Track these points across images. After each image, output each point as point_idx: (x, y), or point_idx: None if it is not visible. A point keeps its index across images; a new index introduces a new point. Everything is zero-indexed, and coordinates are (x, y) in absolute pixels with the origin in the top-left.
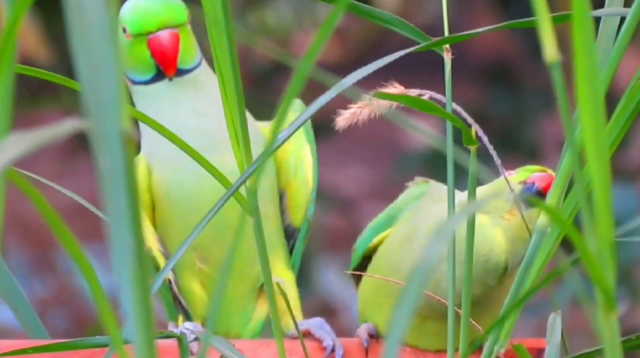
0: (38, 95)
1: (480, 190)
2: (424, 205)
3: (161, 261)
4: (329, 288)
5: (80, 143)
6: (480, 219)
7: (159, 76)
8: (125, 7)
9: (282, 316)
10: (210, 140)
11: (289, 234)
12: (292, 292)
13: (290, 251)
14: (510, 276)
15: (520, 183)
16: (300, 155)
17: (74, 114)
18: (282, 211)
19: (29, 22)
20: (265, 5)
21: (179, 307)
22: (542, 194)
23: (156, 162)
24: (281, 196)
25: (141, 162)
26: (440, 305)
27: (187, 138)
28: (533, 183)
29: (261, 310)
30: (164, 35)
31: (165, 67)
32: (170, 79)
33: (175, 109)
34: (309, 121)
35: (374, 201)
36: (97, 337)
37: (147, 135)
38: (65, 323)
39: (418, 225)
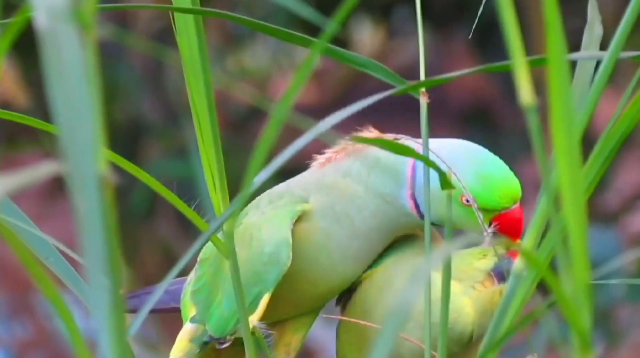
0: (16, 138)
1: (459, 254)
2: (407, 256)
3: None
4: None
5: (58, 186)
6: (451, 286)
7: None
8: (477, 176)
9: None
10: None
11: None
12: (306, 329)
13: None
14: (476, 344)
15: (496, 255)
16: None
17: (53, 157)
18: None
19: (7, 66)
20: (243, 49)
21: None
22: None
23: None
24: None
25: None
26: None
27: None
28: (509, 258)
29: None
30: (517, 212)
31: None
32: None
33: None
34: None
35: None
36: None
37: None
38: None
39: (394, 273)
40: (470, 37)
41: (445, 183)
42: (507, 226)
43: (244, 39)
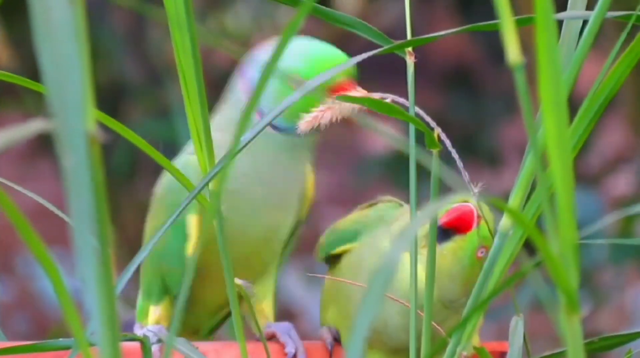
0: None
1: (399, 225)
2: (383, 232)
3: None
4: (288, 292)
5: (39, 147)
6: (405, 258)
7: (293, 128)
8: (296, 56)
9: (250, 316)
10: (286, 203)
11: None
12: (271, 293)
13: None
14: (451, 305)
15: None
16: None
17: (35, 117)
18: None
19: None
20: (224, 10)
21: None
22: (451, 231)
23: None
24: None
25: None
26: (392, 339)
27: (272, 191)
28: (439, 219)
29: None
30: (350, 85)
31: None
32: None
33: (291, 163)
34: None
35: (334, 206)
36: (61, 339)
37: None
38: (27, 327)
39: (370, 254)
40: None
41: (430, 142)
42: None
43: (225, 1)
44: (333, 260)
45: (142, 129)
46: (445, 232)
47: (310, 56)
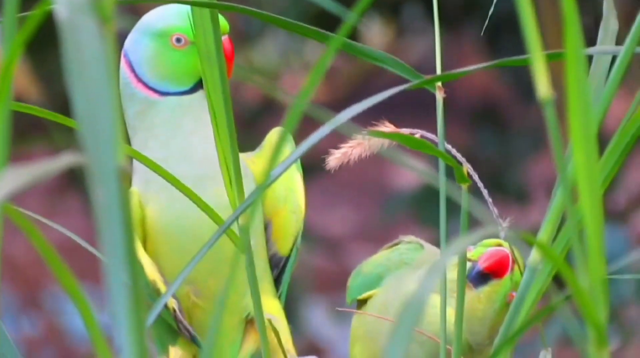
0: (27, 134)
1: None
2: (406, 274)
3: (164, 291)
4: (316, 329)
5: (67, 182)
6: (432, 300)
7: (198, 86)
8: (173, 16)
9: (274, 352)
10: (215, 169)
11: (274, 263)
12: (283, 326)
13: (276, 281)
14: (478, 348)
15: (470, 261)
16: (290, 183)
17: (63, 152)
18: (267, 240)
19: (19, 61)
20: (252, 46)
21: (185, 333)
22: (488, 275)
23: (152, 193)
24: (266, 226)
25: (133, 196)
26: None
27: (193, 162)
28: (477, 264)
29: (250, 343)
30: (227, 41)
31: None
32: None
33: (197, 124)
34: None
35: (362, 242)
36: None
37: (142, 167)
38: None
39: (394, 297)
40: (482, 34)
41: (460, 177)
42: None
43: (253, 36)
44: (359, 304)
45: None
46: (482, 276)
47: (169, 11)
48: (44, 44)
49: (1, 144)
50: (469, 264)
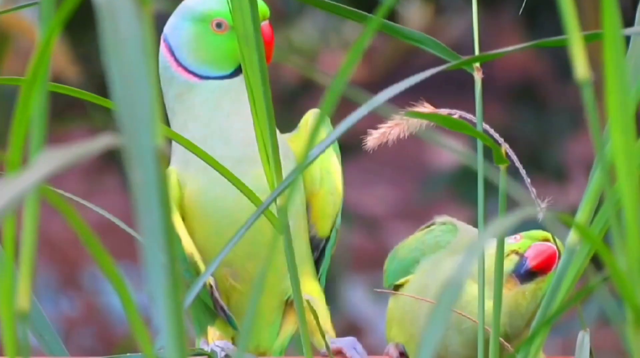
0: (65, 114)
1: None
2: (442, 258)
3: (202, 268)
4: (355, 307)
5: (105, 163)
6: (474, 291)
7: (239, 71)
8: (214, 0)
9: (312, 333)
10: (254, 151)
11: (315, 245)
12: (322, 307)
13: (316, 263)
14: (519, 335)
15: (517, 254)
16: (326, 164)
17: (102, 132)
18: (307, 221)
19: (57, 41)
20: (291, 25)
21: (221, 312)
22: (535, 272)
23: (191, 173)
24: (307, 207)
25: (172, 175)
26: None
27: (232, 144)
28: (526, 260)
29: (289, 324)
30: (267, 27)
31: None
32: None
33: (237, 105)
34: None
35: (400, 221)
36: (129, 354)
37: (181, 148)
38: (92, 342)
39: (431, 281)
40: (520, 14)
41: (498, 157)
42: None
43: (292, 16)
44: (396, 288)
45: None
46: (529, 273)
47: None
48: (82, 25)
49: (39, 125)
50: (516, 258)
